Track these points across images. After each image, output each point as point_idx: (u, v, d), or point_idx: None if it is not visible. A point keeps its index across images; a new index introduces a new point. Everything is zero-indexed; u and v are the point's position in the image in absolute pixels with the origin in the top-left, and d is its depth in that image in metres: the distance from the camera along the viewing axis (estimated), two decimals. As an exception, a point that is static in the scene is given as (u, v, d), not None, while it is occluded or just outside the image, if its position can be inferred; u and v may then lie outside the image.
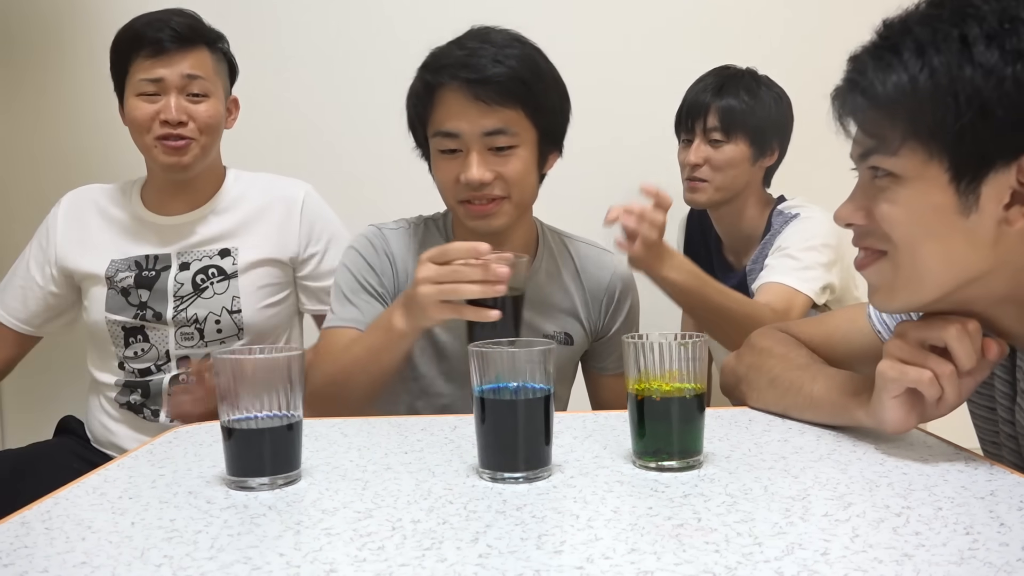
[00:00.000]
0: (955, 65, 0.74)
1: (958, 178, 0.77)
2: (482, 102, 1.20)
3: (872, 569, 0.58)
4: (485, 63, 1.20)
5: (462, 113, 1.22)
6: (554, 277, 1.37)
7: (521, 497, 0.75)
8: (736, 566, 0.59)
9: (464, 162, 1.23)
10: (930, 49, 0.76)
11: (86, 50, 2.03)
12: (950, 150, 0.76)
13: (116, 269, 1.51)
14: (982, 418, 0.98)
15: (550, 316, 1.36)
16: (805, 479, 0.78)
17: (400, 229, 1.37)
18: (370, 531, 0.68)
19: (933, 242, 0.80)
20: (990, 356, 0.82)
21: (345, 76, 2.10)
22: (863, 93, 0.80)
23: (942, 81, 0.75)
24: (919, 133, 0.77)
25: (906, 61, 0.77)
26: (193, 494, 0.78)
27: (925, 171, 0.78)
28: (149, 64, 1.45)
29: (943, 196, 0.78)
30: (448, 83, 1.22)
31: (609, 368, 1.43)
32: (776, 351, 1.09)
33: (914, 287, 0.82)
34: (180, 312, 1.50)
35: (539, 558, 0.61)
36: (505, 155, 1.23)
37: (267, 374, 0.80)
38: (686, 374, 0.83)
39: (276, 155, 2.03)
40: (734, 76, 1.67)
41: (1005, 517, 0.68)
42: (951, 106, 0.75)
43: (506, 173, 1.24)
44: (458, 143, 1.23)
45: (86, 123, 2.05)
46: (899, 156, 0.79)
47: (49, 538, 0.68)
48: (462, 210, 1.27)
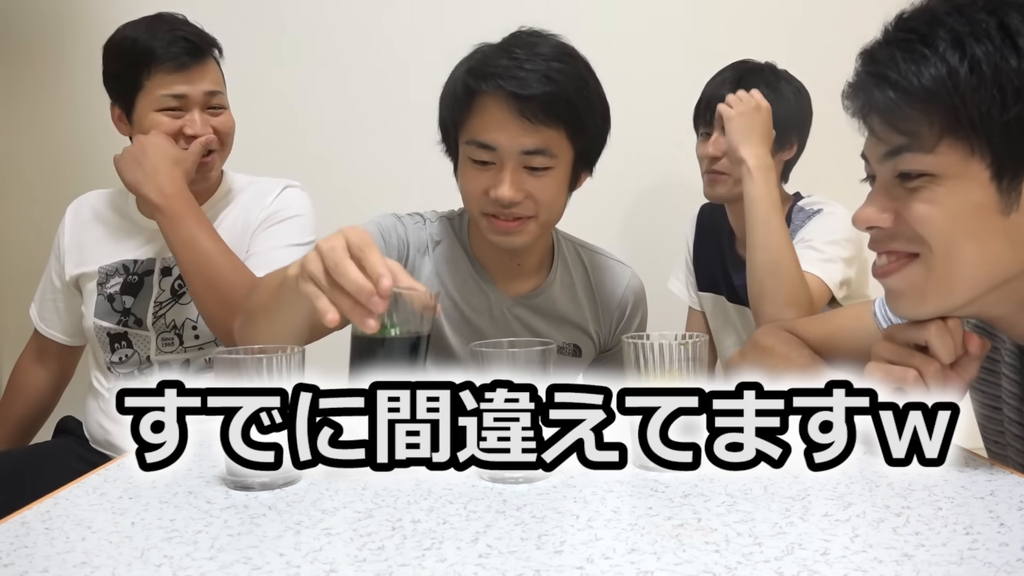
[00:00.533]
0: (998, 56, 0.71)
1: (1000, 175, 0.74)
2: (526, 119, 1.14)
3: (872, 569, 0.58)
4: (534, 78, 1.13)
5: (502, 126, 1.15)
6: (567, 288, 1.35)
7: (521, 497, 0.75)
8: (736, 566, 0.59)
9: (496, 177, 1.17)
10: (969, 39, 0.72)
11: (85, 50, 2.02)
12: (993, 145, 0.73)
13: (106, 274, 1.51)
14: (987, 417, 0.98)
15: (559, 327, 1.34)
16: (805, 479, 0.78)
17: (419, 224, 1.33)
18: (370, 531, 0.68)
19: (972, 242, 0.77)
20: (972, 349, 0.82)
21: (340, 78, 2.10)
22: (894, 88, 0.76)
23: (986, 72, 0.72)
24: (959, 128, 0.74)
25: (943, 53, 0.73)
26: (193, 494, 0.78)
27: (966, 168, 0.75)
28: (171, 80, 1.43)
29: (984, 194, 0.75)
30: (493, 93, 1.15)
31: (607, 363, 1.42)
32: (778, 350, 1.09)
33: (946, 290, 0.80)
34: (159, 318, 1.48)
35: (539, 558, 0.61)
36: (539, 175, 1.18)
37: (267, 374, 0.80)
38: (686, 374, 0.83)
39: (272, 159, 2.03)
40: (753, 70, 1.65)
41: (1005, 517, 0.68)
42: (996, 98, 0.71)
43: (538, 194, 1.19)
44: (493, 156, 1.17)
45: (86, 123, 2.05)
46: (936, 154, 0.75)
47: (49, 538, 0.68)
48: (485, 223, 1.22)
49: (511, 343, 0.83)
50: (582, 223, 2.04)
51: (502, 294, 1.31)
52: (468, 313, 1.30)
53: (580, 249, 1.40)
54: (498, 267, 1.31)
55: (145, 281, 1.50)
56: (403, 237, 1.29)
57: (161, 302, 1.49)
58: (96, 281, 1.51)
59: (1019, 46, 0.71)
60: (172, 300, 1.49)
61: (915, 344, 0.83)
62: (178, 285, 1.49)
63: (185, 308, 1.49)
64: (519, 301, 1.32)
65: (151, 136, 1.42)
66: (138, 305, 1.49)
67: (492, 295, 1.31)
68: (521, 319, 1.32)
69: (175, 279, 1.49)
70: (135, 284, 1.50)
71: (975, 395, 0.99)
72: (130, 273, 1.51)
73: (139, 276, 1.51)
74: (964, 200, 0.76)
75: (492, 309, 1.31)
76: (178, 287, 1.49)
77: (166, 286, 1.50)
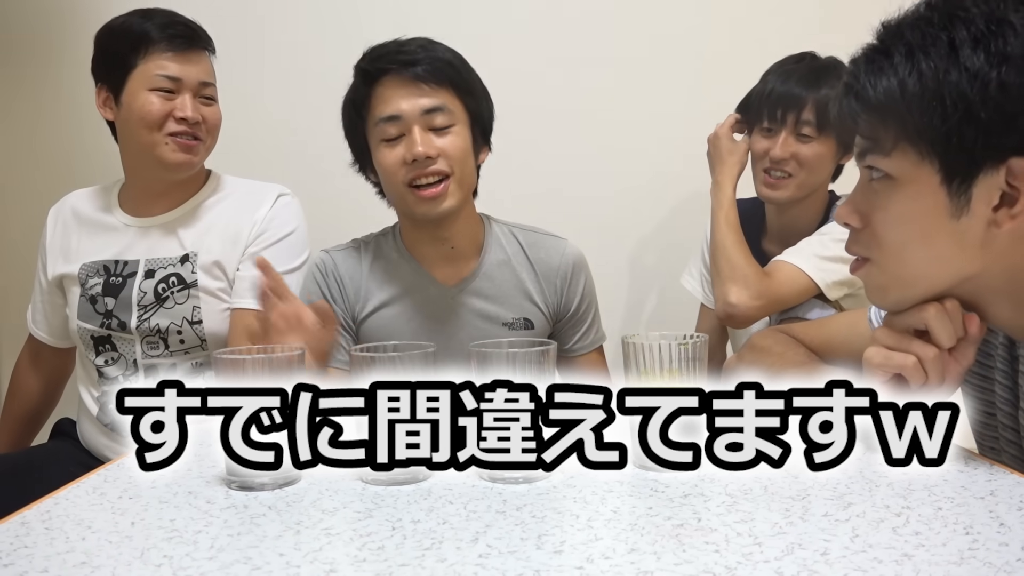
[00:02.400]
0: (942, 69, 0.75)
1: (949, 179, 0.77)
2: (420, 82, 1.29)
3: (872, 569, 0.58)
4: (419, 52, 1.30)
5: (402, 96, 1.29)
6: (505, 265, 1.41)
7: (521, 497, 0.75)
8: (736, 566, 0.59)
9: (408, 143, 1.29)
10: (919, 53, 0.77)
11: (86, 50, 2.03)
12: (940, 152, 0.77)
13: (87, 274, 1.49)
14: (982, 423, 0.98)
15: (505, 304, 1.40)
16: (805, 479, 0.78)
17: (349, 249, 1.43)
18: (370, 531, 0.68)
19: (921, 246, 0.81)
20: (972, 330, 0.83)
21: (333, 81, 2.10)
22: (856, 97, 0.81)
23: (929, 85, 0.76)
24: (909, 135, 0.78)
25: (896, 65, 0.78)
26: (193, 494, 0.78)
27: (918, 172, 0.79)
28: (167, 59, 1.43)
29: (935, 198, 0.78)
30: (386, 70, 1.30)
31: (578, 349, 1.46)
32: (774, 350, 1.10)
33: (904, 289, 0.84)
34: (144, 322, 1.46)
35: (539, 558, 0.61)
36: (444, 133, 1.31)
37: (267, 374, 0.80)
38: (686, 374, 0.83)
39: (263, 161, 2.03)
40: (827, 67, 1.58)
41: (1005, 517, 0.68)
42: (937, 109, 0.75)
43: (448, 149, 1.30)
44: (400, 126, 1.29)
45: (86, 123, 2.04)
46: (892, 157, 0.80)
47: (49, 538, 0.68)
48: (411, 196, 1.31)
49: (510, 343, 0.83)
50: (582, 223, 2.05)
51: (442, 285, 1.39)
52: (416, 311, 1.38)
53: (513, 229, 1.46)
54: (434, 258, 1.40)
55: (128, 282, 1.47)
56: (334, 273, 1.40)
57: (145, 306, 1.46)
58: (78, 282, 1.50)
59: (961, 60, 0.75)
60: (156, 304, 1.46)
61: (914, 330, 0.83)
62: (162, 289, 1.46)
63: (170, 312, 1.45)
64: (460, 287, 1.39)
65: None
66: (120, 307, 1.47)
67: (433, 288, 1.38)
68: (467, 304, 1.38)
69: (158, 282, 1.46)
70: (117, 285, 1.47)
71: (969, 400, 0.99)
72: (112, 274, 1.48)
73: (122, 278, 1.48)
74: (917, 204, 0.80)
75: (437, 301, 1.38)
76: (162, 291, 1.46)
77: (148, 288, 1.46)
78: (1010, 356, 0.91)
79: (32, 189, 2.05)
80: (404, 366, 0.81)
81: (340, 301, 1.38)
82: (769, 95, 1.60)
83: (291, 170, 1.98)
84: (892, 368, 0.83)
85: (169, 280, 1.47)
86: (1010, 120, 0.74)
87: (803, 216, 1.65)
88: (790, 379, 0.98)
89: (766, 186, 1.63)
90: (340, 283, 1.39)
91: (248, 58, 2.04)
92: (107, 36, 1.48)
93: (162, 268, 1.47)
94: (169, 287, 1.46)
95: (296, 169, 2.01)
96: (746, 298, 1.50)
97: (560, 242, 1.45)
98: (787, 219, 1.68)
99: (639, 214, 2.13)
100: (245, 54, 2.02)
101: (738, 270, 1.53)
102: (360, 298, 1.39)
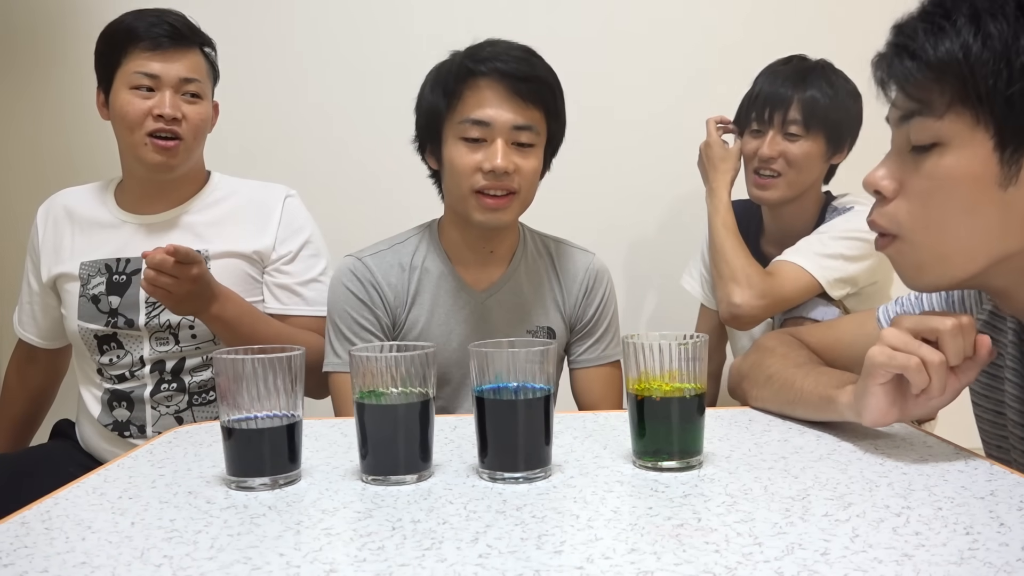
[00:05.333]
0: (1011, 33, 0.74)
1: (1003, 146, 0.76)
2: (518, 97, 1.26)
3: (872, 569, 0.58)
4: (522, 64, 1.27)
5: (496, 104, 1.26)
6: (533, 273, 1.41)
7: (521, 497, 0.75)
8: (736, 566, 0.59)
9: (489, 151, 1.27)
10: (986, 16, 0.76)
11: (85, 50, 2.03)
12: (998, 117, 0.76)
13: (87, 274, 1.48)
14: (988, 421, 0.97)
15: (530, 312, 1.39)
16: (805, 479, 0.78)
17: (382, 253, 1.38)
18: (370, 531, 0.68)
19: (964, 216, 0.79)
20: (981, 352, 0.82)
21: (332, 79, 2.10)
22: (912, 57, 0.79)
23: (997, 47, 0.75)
24: (967, 98, 0.77)
25: (960, 28, 0.77)
26: (193, 494, 0.78)
27: (971, 137, 0.77)
28: (146, 58, 1.42)
29: (986, 165, 0.77)
30: (488, 74, 1.26)
31: (584, 361, 1.44)
32: (778, 351, 1.10)
33: (941, 265, 0.82)
34: (153, 318, 1.45)
35: (539, 558, 0.61)
36: (525, 152, 1.29)
37: (267, 374, 0.80)
38: (686, 374, 0.83)
39: (266, 160, 2.04)
40: (814, 68, 1.61)
41: (1005, 517, 0.68)
42: (1003, 73, 0.74)
43: (524, 168, 1.29)
44: (485, 132, 1.27)
45: (87, 124, 2.04)
46: (944, 120, 0.78)
47: (49, 538, 0.68)
48: (475, 201, 1.29)
49: (511, 343, 0.83)
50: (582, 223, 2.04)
51: (472, 289, 1.37)
52: (448, 315, 1.36)
53: (545, 239, 1.46)
54: (470, 259, 1.38)
55: (133, 280, 1.46)
56: (372, 281, 1.35)
57: (154, 303, 1.45)
58: (78, 282, 1.48)
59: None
60: None
61: (923, 336, 0.82)
62: None
63: None
64: (489, 292, 1.38)
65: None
66: (126, 305, 1.46)
67: (464, 292, 1.37)
68: (494, 310, 1.37)
69: None
70: (122, 284, 1.46)
71: (976, 400, 0.99)
72: (114, 272, 1.47)
73: (126, 275, 1.47)
74: (965, 170, 0.78)
75: (466, 306, 1.37)
76: None
77: None
78: (1020, 355, 0.90)
79: (32, 189, 2.05)
80: (404, 366, 0.81)
81: (382, 307, 1.35)
82: (757, 97, 1.63)
83: (291, 170, 1.99)
84: (895, 368, 0.82)
85: None
86: None
87: (799, 217, 1.66)
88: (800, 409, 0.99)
89: (756, 187, 1.64)
90: (379, 290, 1.35)
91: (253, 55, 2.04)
92: (101, 37, 1.48)
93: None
94: None
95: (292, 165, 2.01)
96: (750, 298, 1.51)
97: (587, 255, 1.44)
98: (783, 221, 1.69)
99: (639, 214, 2.13)
100: (248, 52, 2.02)
101: (739, 271, 1.54)
102: (401, 303, 1.36)
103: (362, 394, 0.81)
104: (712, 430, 0.95)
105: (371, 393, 0.80)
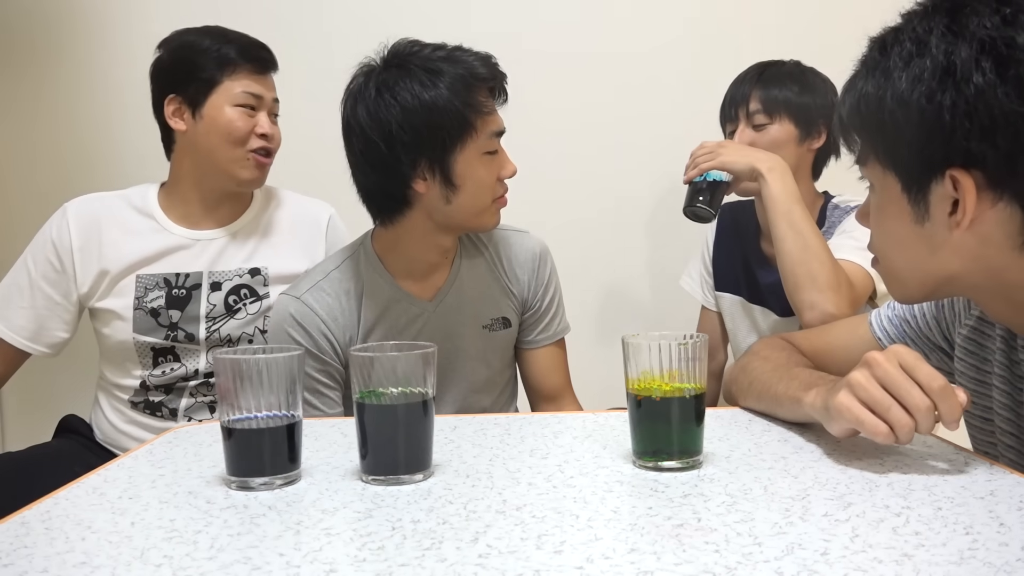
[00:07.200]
0: (879, 91, 0.80)
1: (907, 188, 0.82)
2: (502, 101, 1.30)
3: (872, 569, 0.58)
4: (498, 65, 1.29)
5: (499, 112, 1.30)
6: (475, 269, 1.40)
7: (521, 497, 0.75)
8: (736, 566, 0.59)
9: (503, 160, 1.30)
10: (868, 74, 0.82)
11: (86, 50, 2.03)
12: (892, 164, 0.82)
13: (145, 287, 1.49)
14: (977, 428, 0.97)
15: (482, 308, 1.39)
16: (805, 479, 0.78)
17: (317, 289, 1.32)
18: (370, 531, 0.68)
19: (898, 249, 0.86)
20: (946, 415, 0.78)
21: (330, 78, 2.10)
22: (837, 111, 0.88)
23: (872, 105, 0.81)
24: (872, 148, 0.84)
25: (857, 85, 0.83)
26: (193, 494, 0.78)
27: (885, 181, 0.84)
28: (253, 79, 1.49)
29: (900, 205, 0.83)
30: (498, 88, 1.29)
31: (540, 340, 1.46)
32: (763, 354, 1.11)
33: (901, 285, 0.89)
34: (213, 333, 1.49)
35: (539, 558, 0.61)
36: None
37: (267, 374, 0.80)
38: (686, 374, 0.83)
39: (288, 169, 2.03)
40: (776, 64, 1.64)
41: (1005, 517, 0.68)
42: (881, 128, 0.81)
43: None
44: (497, 144, 1.30)
45: (88, 124, 2.05)
46: (868, 167, 0.87)
47: (49, 538, 0.68)
48: (493, 208, 1.32)
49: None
50: (582, 223, 2.04)
51: (422, 301, 1.35)
52: (399, 332, 1.33)
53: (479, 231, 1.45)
54: (417, 273, 1.35)
55: (193, 295, 1.49)
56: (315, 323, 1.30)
57: (214, 317, 1.49)
58: (131, 295, 1.48)
59: (893, 83, 0.78)
60: (227, 315, 1.49)
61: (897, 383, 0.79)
62: (233, 301, 1.50)
63: (241, 323, 1.49)
64: (438, 299, 1.36)
65: None
66: (187, 320, 1.48)
67: (415, 308, 1.35)
68: (446, 316, 1.36)
69: (227, 294, 1.50)
70: (182, 298, 1.49)
71: None
72: (174, 287, 1.49)
73: (186, 290, 1.49)
74: (887, 211, 0.85)
75: (416, 318, 1.35)
76: (233, 303, 1.50)
77: (217, 300, 1.49)
78: (1009, 361, 0.90)
79: (32, 189, 2.05)
80: (404, 366, 0.81)
81: (330, 352, 1.30)
82: (723, 103, 1.67)
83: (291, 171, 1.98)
84: (864, 431, 0.80)
85: (240, 292, 1.51)
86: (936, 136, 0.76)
87: None
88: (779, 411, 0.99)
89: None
90: (326, 334, 1.30)
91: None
92: (187, 51, 1.48)
93: (228, 280, 1.51)
94: (241, 299, 1.50)
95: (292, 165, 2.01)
96: (845, 306, 1.37)
97: (523, 236, 1.45)
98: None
99: (639, 214, 2.13)
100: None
101: (837, 276, 1.38)
102: (347, 338, 1.31)
103: (362, 394, 0.81)
104: (712, 430, 0.95)
105: (371, 393, 0.81)
